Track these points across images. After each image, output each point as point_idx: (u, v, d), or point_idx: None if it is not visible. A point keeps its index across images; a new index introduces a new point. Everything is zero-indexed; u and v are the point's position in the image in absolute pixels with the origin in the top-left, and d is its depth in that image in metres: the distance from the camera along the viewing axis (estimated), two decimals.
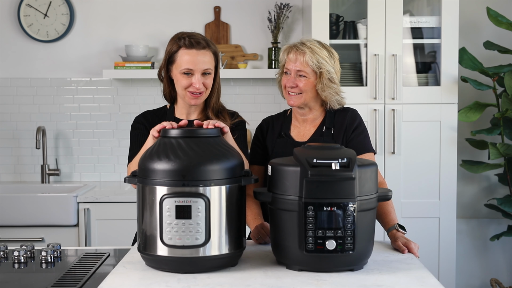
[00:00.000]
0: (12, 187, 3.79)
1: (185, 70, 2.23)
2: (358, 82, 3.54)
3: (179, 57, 2.24)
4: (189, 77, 2.24)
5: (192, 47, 2.23)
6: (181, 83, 2.25)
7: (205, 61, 2.24)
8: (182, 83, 2.25)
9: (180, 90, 2.28)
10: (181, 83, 2.25)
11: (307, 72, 2.27)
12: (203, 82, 2.25)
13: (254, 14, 3.92)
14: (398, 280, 1.76)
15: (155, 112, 2.40)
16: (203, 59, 2.24)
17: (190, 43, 2.23)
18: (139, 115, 2.39)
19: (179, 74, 2.24)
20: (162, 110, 2.41)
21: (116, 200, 3.38)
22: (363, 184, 1.80)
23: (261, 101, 3.91)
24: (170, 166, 1.76)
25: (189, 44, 2.23)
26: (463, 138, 3.82)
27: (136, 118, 2.38)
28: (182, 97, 2.30)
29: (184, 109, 2.35)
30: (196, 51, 2.23)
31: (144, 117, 2.37)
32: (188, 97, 2.27)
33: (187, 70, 2.23)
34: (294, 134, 2.37)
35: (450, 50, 3.44)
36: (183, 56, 2.23)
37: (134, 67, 3.72)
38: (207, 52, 2.25)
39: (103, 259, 2.10)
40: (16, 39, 3.91)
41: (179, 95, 2.32)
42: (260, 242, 2.17)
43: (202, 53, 2.24)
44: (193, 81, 2.23)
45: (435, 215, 3.47)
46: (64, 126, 3.94)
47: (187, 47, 2.23)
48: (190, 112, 2.35)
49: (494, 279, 3.67)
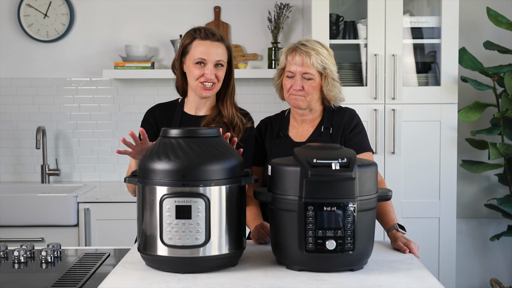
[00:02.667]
0: (12, 187, 3.80)
1: (198, 60, 2.25)
2: (358, 82, 3.54)
3: (193, 48, 2.27)
4: (202, 67, 2.26)
5: (207, 38, 2.27)
6: (194, 73, 2.27)
7: (218, 52, 2.27)
8: (194, 73, 2.26)
9: (192, 81, 2.29)
10: (193, 74, 2.27)
11: (313, 74, 2.26)
12: (216, 74, 2.27)
13: (254, 14, 3.92)
14: (398, 280, 1.76)
15: (165, 106, 2.42)
16: (217, 50, 2.27)
17: (206, 34, 2.27)
18: (148, 110, 2.43)
19: (192, 64, 2.27)
20: (173, 104, 2.42)
21: (116, 200, 3.38)
22: (363, 184, 1.80)
23: (261, 101, 3.91)
24: (170, 166, 1.76)
25: (204, 35, 2.27)
26: (463, 138, 3.82)
27: (145, 113, 2.42)
28: (194, 89, 2.31)
29: (193, 104, 2.36)
30: (210, 42, 2.27)
31: (152, 112, 2.40)
32: (199, 89, 2.28)
33: (200, 59, 2.25)
34: (292, 134, 2.37)
35: (450, 50, 3.44)
36: (197, 46, 2.26)
37: (134, 67, 3.72)
38: (220, 45, 2.29)
39: (103, 259, 2.10)
40: (16, 39, 3.91)
41: (191, 87, 2.33)
42: (260, 242, 2.17)
43: (216, 44, 2.27)
44: (206, 71, 2.25)
45: (435, 215, 3.47)
46: (64, 126, 3.94)
47: (202, 38, 2.27)
48: (199, 107, 2.36)
49: (494, 279, 3.67)
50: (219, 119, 2.33)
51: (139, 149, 2.03)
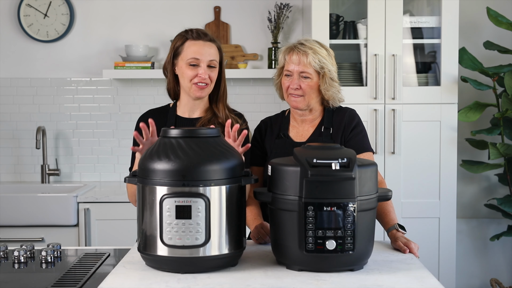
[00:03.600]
0: (12, 187, 3.80)
1: (192, 61, 2.25)
2: (358, 82, 3.54)
3: (185, 48, 2.26)
4: (195, 68, 2.25)
5: (199, 38, 2.27)
6: (187, 74, 2.26)
7: (211, 52, 2.27)
8: (188, 74, 2.25)
9: (186, 83, 2.28)
10: (187, 75, 2.26)
11: (310, 73, 2.26)
12: (209, 75, 2.27)
13: (254, 14, 3.92)
14: (398, 280, 1.76)
15: (157, 111, 2.40)
16: (210, 50, 2.27)
17: (198, 34, 2.27)
18: (141, 116, 2.40)
19: (185, 65, 2.26)
20: (165, 108, 2.41)
21: (116, 200, 3.38)
22: (363, 184, 1.80)
23: (261, 101, 3.91)
24: (170, 166, 1.76)
25: (196, 35, 2.27)
26: (463, 138, 3.82)
27: (138, 119, 2.39)
28: (187, 91, 2.30)
29: (187, 106, 2.35)
30: (203, 42, 2.26)
31: (145, 118, 2.37)
32: (193, 90, 2.27)
33: (193, 60, 2.25)
34: (292, 134, 2.37)
35: (450, 50, 3.44)
36: (190, 46, 2.26)
37: (134, 67, 3.72)
38: (213, 45, 2.29)
39: (103, 259, 2.10)
40: (16, 39, 3.91)
41: (184, 89, 2.31)
42: (260, 242, 2.17)
43: (208, 44, 2.27)
44: (199, 71, 2.25)
45: (435, 215, 3.47)
46: (64, 126, 3.94)
47: (194, 38, 2.27)
48: (193, 109, 2.35)
49: (494, 279, 3.67)
50: (214, 121, 2.33)
51: (148, 143, 2.03)
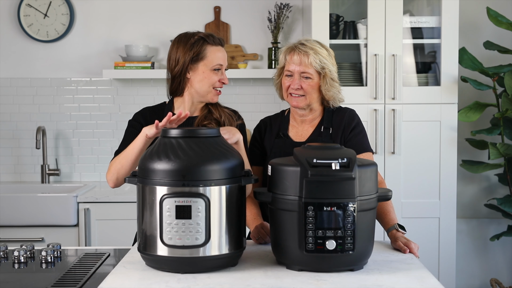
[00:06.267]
0: (12, 187, 3.80)
1: (217, 66, 2.28)
2: (358, 82, 3.54)
3: (210, 54, 2.28)
4: (217, 73, 2.29)
5: (220, 44, 2.32)
6: (212, 79, 2.28)
7: (226, 57, 2.35)
8: (212, 79, 2.28)
9: (205, 87, 2.29)
10: (211, 80, 2.28)
11: (311, 73, 2.27)
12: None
13: (254, 14, 3.92)
14: (398, 280, 1.76)
15: (153, 108, 2.40)
16: (226, 55, 2.34)
17: (219, 41, 2.32)
18: (137, 112, 2.39)
19: (209, 70, 2.28)
20: (161, 106, 2.41)
21: (116, 200, 3.38)
22: (363, 184, 1.80)
23: (261, 101, 3.91)
24: (170, 166, 1.76)
25: (218, 41, 2.31)
26: (463, 138, 3.82)
27: (134, 115, 2.38)
28: (203, 94, 2.30)
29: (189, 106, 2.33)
30: (222, 48, 2.32)
31: (142, 114, 2.37)
32: (212, 94, 2.30)
33: (219, 66, 2.29)
34: (292, 134, 2.37)
35: (450, 50, 3.44)
36: (215, 52, 2.28)
37: (134, 67, 3.72)
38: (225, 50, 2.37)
39: (103, 259, 2.10)
40: (16, 39, 3.91)
41: (199, 93, 2.30)
42: (260, 242, 2.17)
43: (224, 50, 2.34)
44: (223, 76, 2.30)
45: (435, 215, 3.47)
46: (64, 126, 3.94)
47: (216, 44, 2.30)
48: (196, 109, 2.36)
49: (494, 279, 3.67)
50: (210, 117, 2.33)
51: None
